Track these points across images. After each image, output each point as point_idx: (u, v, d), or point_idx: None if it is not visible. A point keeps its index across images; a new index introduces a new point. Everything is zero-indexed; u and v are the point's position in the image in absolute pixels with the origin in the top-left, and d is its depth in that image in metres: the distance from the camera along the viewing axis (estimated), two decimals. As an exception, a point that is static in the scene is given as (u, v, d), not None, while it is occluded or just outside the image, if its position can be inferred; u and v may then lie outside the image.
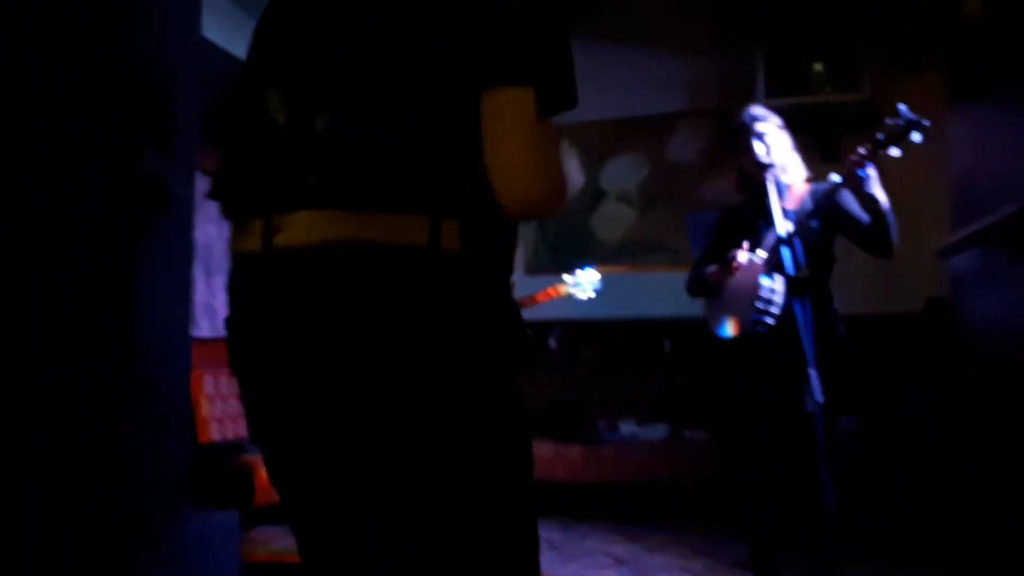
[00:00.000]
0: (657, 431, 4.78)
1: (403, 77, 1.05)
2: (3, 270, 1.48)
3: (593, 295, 3.32)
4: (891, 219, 2.51)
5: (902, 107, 2.31)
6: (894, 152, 2.32)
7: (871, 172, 2.45)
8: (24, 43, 1.46)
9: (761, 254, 2.63)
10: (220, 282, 4.42)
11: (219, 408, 3.91)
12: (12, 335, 1.49)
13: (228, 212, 1.14)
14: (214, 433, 3.82)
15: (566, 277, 3.31)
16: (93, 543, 1.77)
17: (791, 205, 2.61)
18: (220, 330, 4.44)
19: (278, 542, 3.71)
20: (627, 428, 4.82)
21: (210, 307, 4.31)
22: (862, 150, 2.39)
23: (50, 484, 1.66)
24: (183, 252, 2.01)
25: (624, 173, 5.28)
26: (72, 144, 1.54)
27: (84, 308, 1.59)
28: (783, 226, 2.46)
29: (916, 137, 2.27)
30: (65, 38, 1.51)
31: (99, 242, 1.57)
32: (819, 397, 2.21)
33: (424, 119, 1.04)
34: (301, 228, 1.02)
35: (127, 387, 1.71)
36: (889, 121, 2.32)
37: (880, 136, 2.33)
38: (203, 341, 3.80)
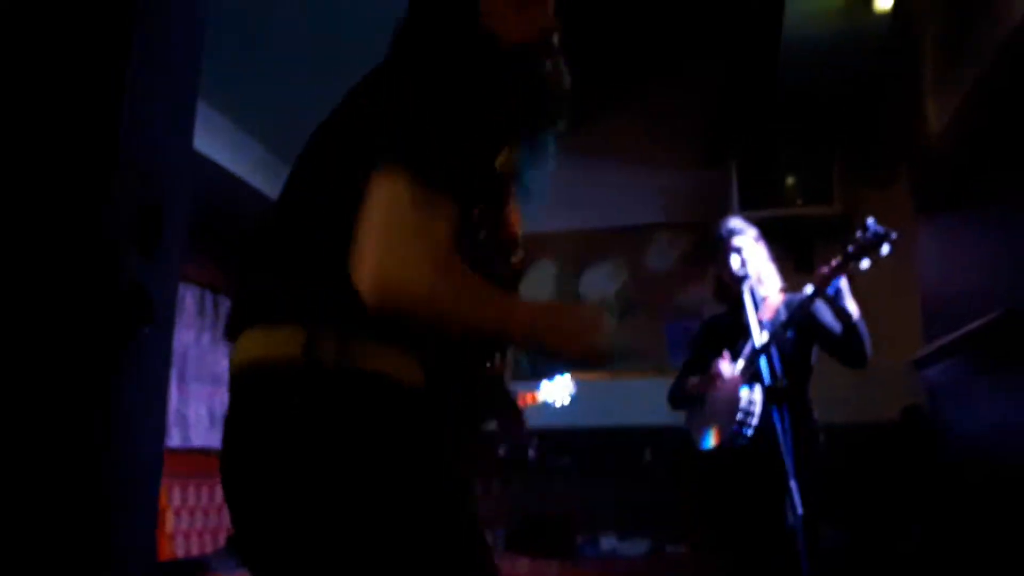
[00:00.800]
0: (637, 546, 4.66)
1: (311, 183, 1.13)
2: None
3: (568, 401, 3.27)
4: (863, 330, 2.54)
5: (870, 221, 2.37)
6: (864, 264, 2.36)
7: (842, 284, 2.49)
8: (6, 140, 1.47)
9: (740, 365, 2.64)
10: (193, 390, 4.34)
11: (185, 522, 3.77)
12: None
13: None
14: (179, 549, 3.67)
15: (543, 384, 3.27)
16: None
17: (767, 315, 2.64)
18: (191, 440, 4.32)
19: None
20: (608, 543, 4.69)
21: (182, 415, 4.21)
22: (833, 263, 2.44)
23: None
24: (161, 363, 1.98)
25: (602, 281, 5.34)
26: (51, 249, 1.53)
27: (53, 420, 1.55)
28: (759, 337, 2.49)
29: (885, 249, 2.32)
30: (48, 141, 1.52)
31: (73, 350, 1.54)
32: (800, 509, 2.18)
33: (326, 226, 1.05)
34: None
35: (93, 504, 1.65)
36: (859, 234, 2.37)
37: (850, 249, 2.38)
38: (173, 451, 3.71)
